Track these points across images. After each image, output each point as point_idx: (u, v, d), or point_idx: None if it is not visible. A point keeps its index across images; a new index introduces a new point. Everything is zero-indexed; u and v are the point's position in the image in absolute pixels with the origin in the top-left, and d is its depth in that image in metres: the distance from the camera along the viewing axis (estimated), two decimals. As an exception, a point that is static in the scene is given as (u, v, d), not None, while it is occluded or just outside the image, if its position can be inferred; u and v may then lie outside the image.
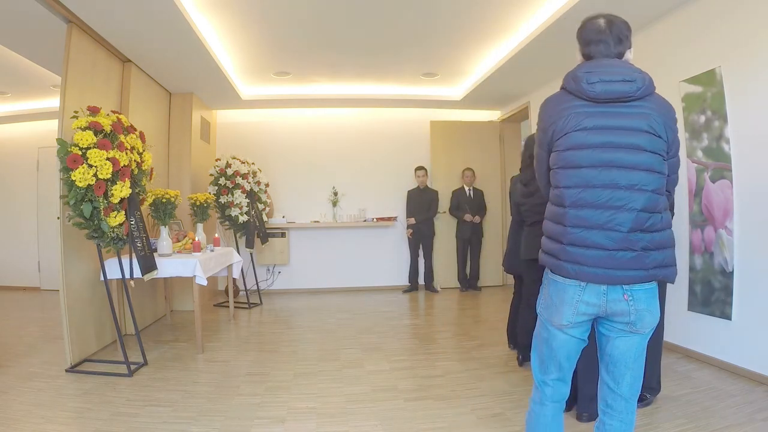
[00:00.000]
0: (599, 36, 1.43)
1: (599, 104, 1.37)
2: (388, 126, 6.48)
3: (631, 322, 1.38)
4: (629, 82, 1.34)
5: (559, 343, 1.46)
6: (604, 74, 1.35)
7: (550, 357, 1.49)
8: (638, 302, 1.36)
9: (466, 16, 3.69)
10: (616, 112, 1.36)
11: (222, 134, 6.25)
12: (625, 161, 1.34)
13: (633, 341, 1.42)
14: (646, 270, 1.35)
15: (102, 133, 2.88)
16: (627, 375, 1.43)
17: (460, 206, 6.01)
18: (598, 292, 1.37)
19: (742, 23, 2.80)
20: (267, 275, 6.23)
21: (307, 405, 2.55)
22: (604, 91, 1.34)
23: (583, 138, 1.36)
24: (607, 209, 1.34)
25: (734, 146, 2.88)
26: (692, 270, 3.19)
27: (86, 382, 2.88)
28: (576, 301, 1.39)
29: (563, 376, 1.50)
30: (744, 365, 2.81)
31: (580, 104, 1.38)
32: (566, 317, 1.41)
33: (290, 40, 4.12)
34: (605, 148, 1.35)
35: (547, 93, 1.58)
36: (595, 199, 1.35)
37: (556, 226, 1.44)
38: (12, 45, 3.74)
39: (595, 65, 1.40)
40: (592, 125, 1.36)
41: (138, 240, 3.19)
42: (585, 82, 1.36)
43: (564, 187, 1.40)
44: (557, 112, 1.42)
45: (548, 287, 1.48)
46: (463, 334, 4.02)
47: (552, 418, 1.51)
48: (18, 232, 6.34)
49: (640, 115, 1.35)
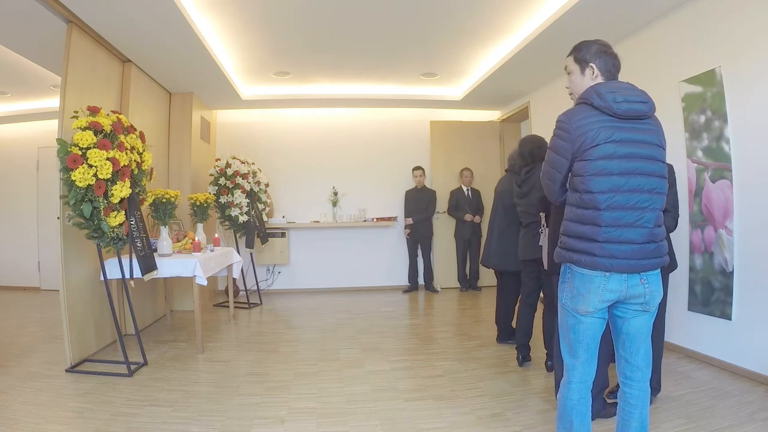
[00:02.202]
0: (615, 63, 1.70)
1: (623, 120, 1.58)
2: (388, 126, 6.48)
3: (645, 302, 1.60)
4: (645, 103, 1.59)
5: (586, 327, 1.65)
6: (627, 95, 1.58)
7: (578, 341, 1.67)
8: (651, 284, 1.60)
9: (466, 16, 3.69)
10: (636, 128, 1.58)
11: (222, 134, 6.26)
12: (645, 169, 1.57)
13: (645, 319, 1.64)
14: (661, 257, 1.61)
15: (102, 133, 2.88)
16: (641, 348, 1.65)
17: (459, 206, 6.01)
18: (620, 280, 1.57)
19: (742, 23, 2.80)
20: (267, 275, 6.23)
21: (307, 405, 2.55)
22: (629, 109, 1.56)
23: (614, 149, 1.56)
24: (636, 210, 1.56)
25: (734, 146, 2.88)
26: (692, 270, 3.19)
27: (86, 382, 2.88)
28: (602, 289, 1.58)
29: (590, 357, 1.68)
30: (744, 365, 2.81)
31: (607, 119, 1.58)
32: (593, 304, 1.60)
33: (290, 40, 4.12)
34: (630, 158, 1.56)
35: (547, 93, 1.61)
36: (626, 202, 1.56)
37: (585, 227, 1.61)
38: (12, 45, 3.74)
39: (616, 86, 1.61)
40: (620, 138, 1.56)
41: (138, 240, 3.19)
42: (612, 101, 1.56)
43: (597, 192, 1.57)
44: (587, 124, 1.59)
45: (573, 280, 1.65)
46: (463, 334, 4.02)
47: (578, 400, 1.68)
48: (18, 232, 6.34)
49: (651, 131, 1.60)
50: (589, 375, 1.69)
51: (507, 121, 6.41)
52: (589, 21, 3.49)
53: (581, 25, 3.56)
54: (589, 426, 1.71)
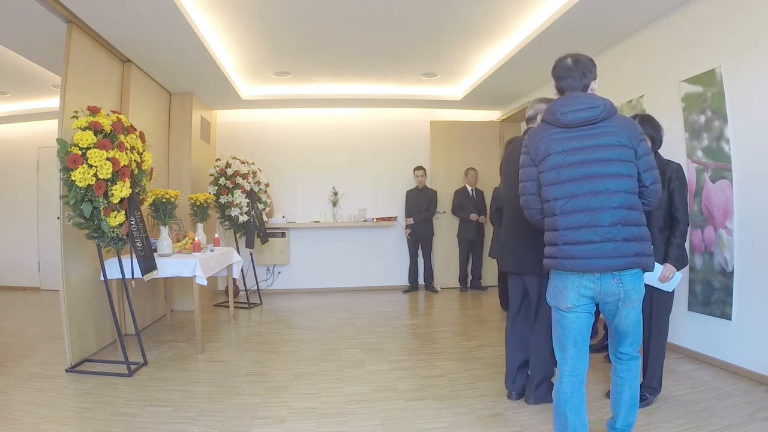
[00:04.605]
0: (567, 72, 1.79)
1: (572, 129, 1.72)
2: (388, 126, 6.48)
3: (621, 300, 1.71)
4: (593, 108, 1.69)
5: (570, 321, 1.76)
6: (573, 105, 1.71)
7: (566, 336, 1.78)
8: (626, 284, 1.69)
9: (466, 16, 3.69)
10: (587, 134, 1.70)
11: (222, 134, 6.26)
12: (599, 172, 1.67)
13: (628, 312, 1.76)
14: (626, 258, 1.65)
15: (102, 133, 2.88)
16: (628, 338, 1.83)
17: (463, 206, 5.99)
18: (593, 278, 1.69)
19: (742, 23, 2.80)
20: (267, 275, 6.23)
21: (307, 405, 2.55)
22: (574, 118, 1.70)
23: (562, 159, 1.71)
24: (589, 211, 1.66)
25: (734, 146, 2.88)
26: (692, 270, 3.19)
27: (86, 382, 2.88)
28: (577, 285, 1.71)
29: (579, 351, 1.77)
30: (744, 365, 2.81)
31: (557, 131, 1.74)
32: (570, 300, 1.73)
33: (290, 40, 4.12)
34: (583, 164, 1.68)
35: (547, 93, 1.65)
36: (579, 205, 1.68)
37: (550, 233, 1.77)
38: (12, 45, 3.74)
39: (565, 99, 1.76)
40: (570, 147, 1.70)
41: (138, 240, 3.18)
42: (559, 113, 1.73)
43: (553, 199, 1.73)
44: (539, 139, 1.78)
45: (553, 279, 1.81)
46: (463, 334, 4.02)
47: (571, 394, 1.76)
48: (18, 232, 6.34)
49: (607, 133, 1.69)
50: (580, 369, 1.77)
51: (507, 121, 6.41)
52: (589, 21, 3.49)
53: (581, 25, 3.57)
54: (584, 419, 1.76)
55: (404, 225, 6.20)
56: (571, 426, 1.73)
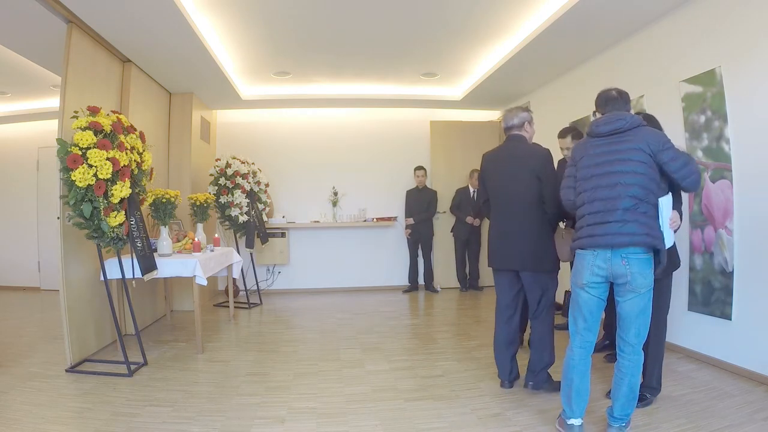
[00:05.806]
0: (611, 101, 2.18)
1: (603, 137, 2.12)
2: (388, 126, 6.48)
3: (629, 282, 1.97)
4: (620, 120, 2.08)
5: (584, 300, 2.08)
6: (608, 120, 2.12)
7: (578, 311, 2.10)
8: (632, 266, 1.96)
9: (466, 16, 3.69)
10: (614, 141, 2.08)
11: (222, 134, 6.26)
12: (618, 169, 2.02)
13: (634, 302, 1.99)
14: (629, 235, 1.95)
15: (102, 133, 2.88)
16: (632, 328, 2.02)
17: (462, 206, 5.99)
18: (605, 258, 1.99)
19: (742, 23, 2.80)
20: (267, 275, 6.23)
21: (307, 405, 2.55)
22: (607, 130, 2.10)
23: (593, 159, 2.11)
24: (609, 200, 2.01)
25: (734, 146, 2.88)
26: (692, 270, 3.19)
27: (86, 382, 2.88)
28: (591, 265, 2.03)
29: (587, 328, 2.09)
30: (744, 365, 2.81)
31: (591, 140, 2.17)
32: (585, 278, 2.05)
33: (290, 40, 4.12)
34: (607, 163, 2.06)
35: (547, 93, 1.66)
36: (602, 195, 2.04)
37: (580, 220, 2.12)
38: (12, 45, 3.74)
39: (603, 117, 2.16)
40: (599, 151, 2.11)
41: (138, 240, 3.18)
42: (594, 126, 2.16)
43: (583, 191, 2.12)
44: (578, 147, 2.24)
45: (575, 260, 2.13)
46: (463, 334, 4.02)
47: (579, 360, 2.09)
48: (18, 232, 6.34)
49: (627, 140, 2.05)
50: (589, 342, 2.10)
51: (507, 121, 6.39)
52: (589, 21, 3.49)
53: (581, 26, 3.57)
54: (587, 384, 2.08)
55: (404, 225, 6.20)
56: (575, 388, 2.06)
